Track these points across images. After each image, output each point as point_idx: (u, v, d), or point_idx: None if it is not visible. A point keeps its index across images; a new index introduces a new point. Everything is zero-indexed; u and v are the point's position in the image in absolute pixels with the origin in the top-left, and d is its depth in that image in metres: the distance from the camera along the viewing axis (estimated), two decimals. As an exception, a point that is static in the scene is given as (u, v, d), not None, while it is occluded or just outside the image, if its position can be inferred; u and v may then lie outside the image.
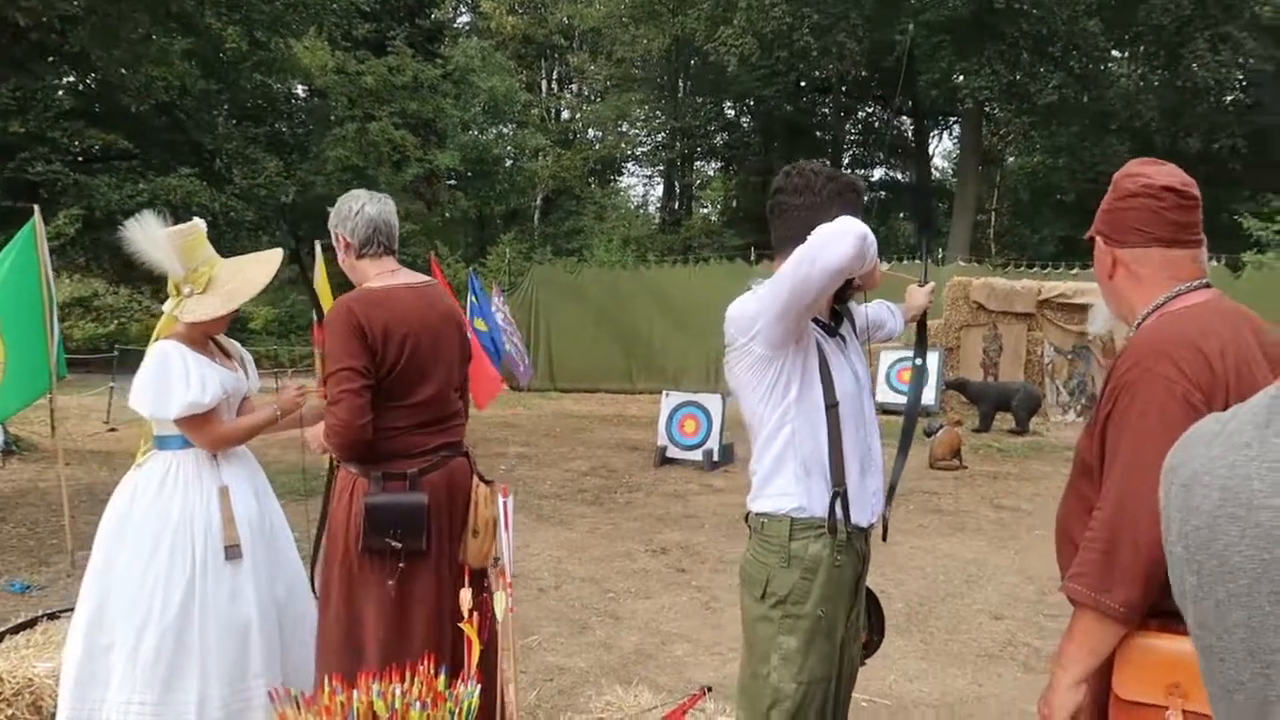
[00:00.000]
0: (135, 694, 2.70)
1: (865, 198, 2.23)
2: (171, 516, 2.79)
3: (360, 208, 2.68)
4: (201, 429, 2.81)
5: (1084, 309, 12.17)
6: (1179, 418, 1.43)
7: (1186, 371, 1.54)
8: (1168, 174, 1.70)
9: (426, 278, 2.83)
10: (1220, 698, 0.69)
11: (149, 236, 2.79)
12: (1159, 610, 1.54)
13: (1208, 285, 1.70)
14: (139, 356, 2.97)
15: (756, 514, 2.12)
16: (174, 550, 2.77)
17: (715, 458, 8.77)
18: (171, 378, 2.76)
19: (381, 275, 2.68)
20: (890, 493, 2.30)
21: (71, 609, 4.60)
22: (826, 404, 2.04)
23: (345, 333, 2.49)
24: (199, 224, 2.96)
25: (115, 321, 23.26)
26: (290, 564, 3.07)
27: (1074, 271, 13.96)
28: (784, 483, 2.05)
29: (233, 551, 2.82)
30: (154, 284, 20.31)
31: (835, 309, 2.22)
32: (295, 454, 7.97)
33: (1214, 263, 15.35)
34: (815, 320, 2.09)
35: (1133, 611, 1.53)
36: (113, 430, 10.72)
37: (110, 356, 13.73)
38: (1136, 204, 1.69)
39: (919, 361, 2.62)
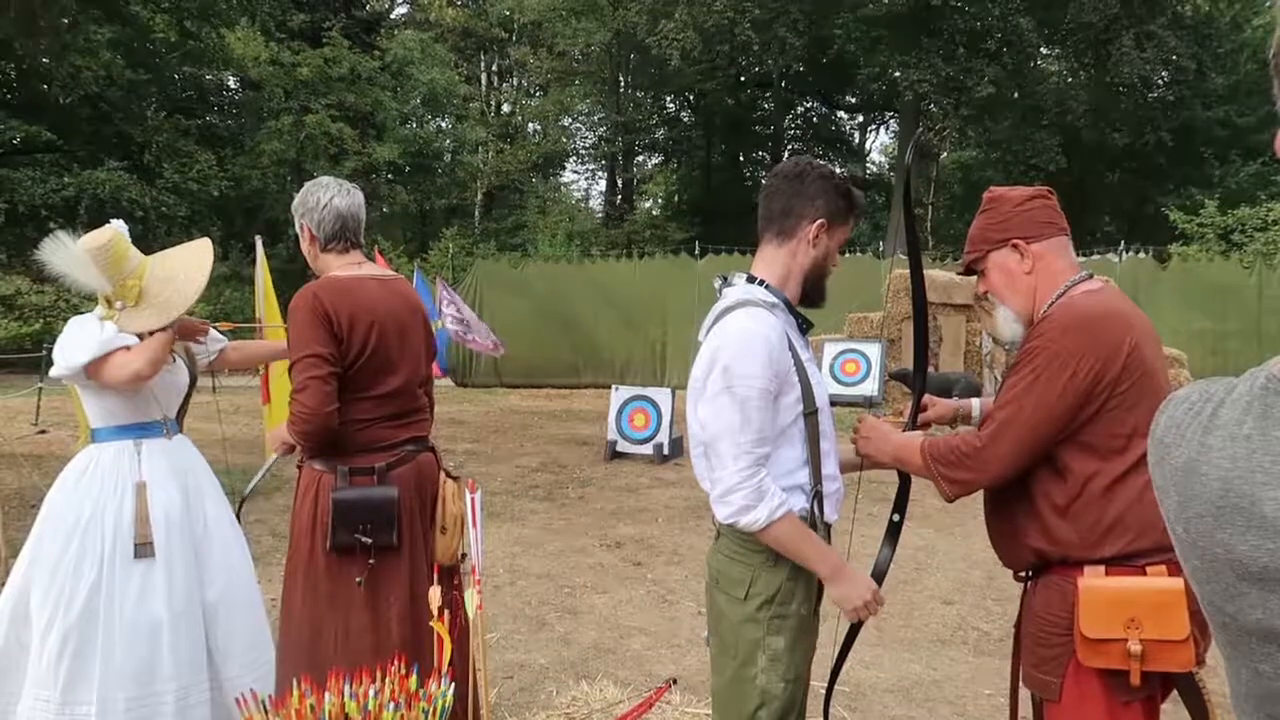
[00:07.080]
0: (42, 690, 2.63)
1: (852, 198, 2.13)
2: (84, 511, 2.70)
3: (329, 200, 2.59)
4: (112, 364, 2.64)
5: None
6: (1067, 389, 1.79)
7: (1087, 345, 1.78)
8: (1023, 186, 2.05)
9: (392, 272, 2.78)
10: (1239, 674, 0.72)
11: (69, 257, 2.65)
12: (1104, 558, 1.79)
13: (1090, 276, 1.95)
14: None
15: None
16: (83, 546, 2.68)
17: (665, 451, 8.79)
18: (82, 333, 2.67)
19: (347, 268, 2.61)
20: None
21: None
22: (805, 411, 2.03)
23: (310, 320, 2.44)
24: (117, 229, 2.77)
25: (41, 320, 22.38)
26: (228, 567, 2.91)
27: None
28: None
29: (143, 550, 2.70)
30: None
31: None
32: (243, 456, 7.75)
33: (1141, 254, 15.87)
34: (792, 312, 2.08)
35: (958, 496, 1.98)
36: (43, 433, 10.33)
37: (37, 357, 13.21)
38: (1036, 204, 1.95)
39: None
